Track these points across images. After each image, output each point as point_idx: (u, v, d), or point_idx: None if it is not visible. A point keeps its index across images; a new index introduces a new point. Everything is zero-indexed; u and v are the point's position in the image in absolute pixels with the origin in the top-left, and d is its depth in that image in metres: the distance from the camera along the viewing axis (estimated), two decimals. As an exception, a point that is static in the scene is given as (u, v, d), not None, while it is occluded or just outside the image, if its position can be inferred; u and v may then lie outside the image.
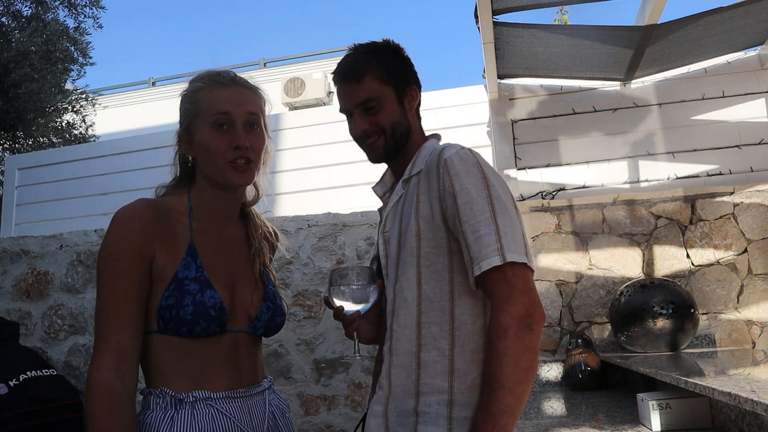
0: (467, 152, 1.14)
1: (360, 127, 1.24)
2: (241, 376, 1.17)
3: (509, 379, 1.00)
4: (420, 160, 1.23)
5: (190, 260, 1.13)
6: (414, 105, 1.28)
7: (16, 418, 2.27)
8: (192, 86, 1.22)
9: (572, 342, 2.63)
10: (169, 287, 1.10)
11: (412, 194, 1.18)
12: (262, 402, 1.19)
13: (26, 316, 3.31)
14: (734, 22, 2.73)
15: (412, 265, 1.14)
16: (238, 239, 1.28)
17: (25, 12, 6.86)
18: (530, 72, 3.21)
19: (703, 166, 3.06)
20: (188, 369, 1.11)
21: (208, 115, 1.16)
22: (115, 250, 1.10)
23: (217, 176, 1.18)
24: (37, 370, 2.56)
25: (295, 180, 3.67)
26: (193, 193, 1.23)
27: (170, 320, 1.09)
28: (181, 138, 1.22)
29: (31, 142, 7.03)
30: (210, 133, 1.16)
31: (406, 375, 1.12)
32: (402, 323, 1.13)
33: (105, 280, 1.10)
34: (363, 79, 1.21)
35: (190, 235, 1.16)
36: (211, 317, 1.11)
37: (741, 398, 1.22)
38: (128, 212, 1.13)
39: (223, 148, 1.15)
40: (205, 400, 1.10)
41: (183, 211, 1.20)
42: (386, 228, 1.22)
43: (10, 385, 2.36)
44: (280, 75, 7.33)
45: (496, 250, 1.05)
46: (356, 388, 2.97)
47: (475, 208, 1.08)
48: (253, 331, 1.20)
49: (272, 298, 1.26)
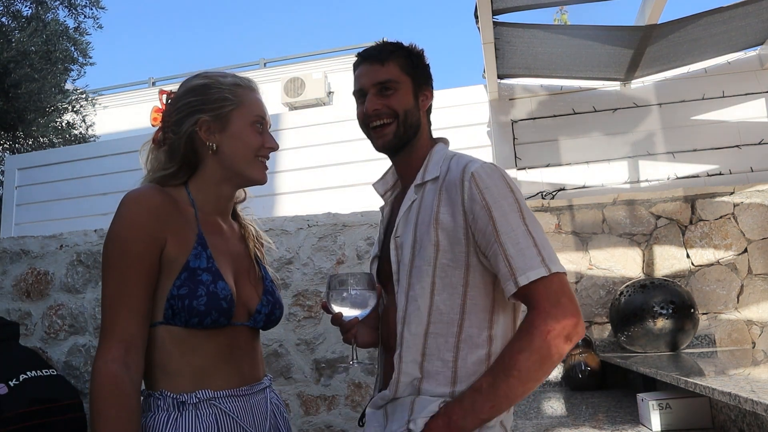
0: (493, 166, 1.16)
1: (372, 105, 1.24)
2: (243, 372, 1.17)
3: (528, 374, 1.04)
4: (432, 165, 1.23)
5: (200, 250, 1.12)
6: (426, 105, 1.30)
7: (16, 418, 2.27)
8: (228, 79, 1.22)
9: (572, 342, 2.63)
10: (180, 276, 1.08)
11: (431, 203, 1.17)
12: (264, 400, 1.20)
13: (26, 316, 3.31)
14: (734, 22, 2.73)
15: (427, 275, 1.14)
16: (235, 234, 1.29)
17: (25, 12, 6.86)
18: (530, 72, 3.21)
19: (703, 166, 3.06)
20: (191, 365, 1.10)
21: (249, 114, 1.21)
22: (128, 235, 1.07)
23: (244, 169, 1.20)
24: (37, 370, 2.56)
25: (295, 180, 3.67)
26: (192, 185, 1.21)
27: (181, 310, 1.07)
28: (205, 124, 1.19)
29: (31, 142, 7.03)
30: (251, 129, 1.21)
31: (408, 381, 1.14)
32: (413, 332, 1.14)
33: (115, 265, 1.06)
34: (387, 62, 1.24)
35: (197, 226, 1.16)
36: (223, 309, 1.10)
37: (741, 398, 1.22)
38: (140, 195, 1.12)
39: (258, 146, 1.21)
40: (208, 401, 1.09)
41: (186, 202, 1.19)
42: (398, 233, 1.21)
43: (10, 385, 2.36)
44: (280, 75, 7.33)
45: (540, 262, 1.07)
46: (356, 388, 2.97)
47: (512, 221, 1.09)
48: (253, 324, 1.20)
49: (271, 291, 1.27)
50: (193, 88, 1.21)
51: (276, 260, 3.13)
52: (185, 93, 1.22)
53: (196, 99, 1.20)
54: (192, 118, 1.18)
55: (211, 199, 1.22)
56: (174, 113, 1.21)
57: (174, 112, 1.21)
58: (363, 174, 3.43)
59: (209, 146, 1.19)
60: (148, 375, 1.12)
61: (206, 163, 1.20)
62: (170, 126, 1.21)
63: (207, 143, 1.19)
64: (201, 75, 1.24)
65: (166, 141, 1.22)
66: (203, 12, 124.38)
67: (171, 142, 1.20)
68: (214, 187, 1.22)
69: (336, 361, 2.98)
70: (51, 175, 4.22)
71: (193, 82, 1.23)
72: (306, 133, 3.76)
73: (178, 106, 1.21)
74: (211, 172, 1.21)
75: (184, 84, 1.25)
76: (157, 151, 1.24)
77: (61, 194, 4.15)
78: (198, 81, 1.22)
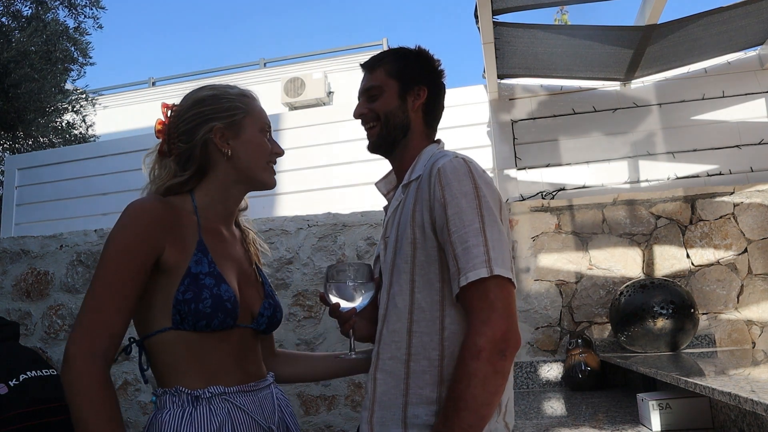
0: (461, 161, 1.15)
1: (358, 110, 1.34)
2: (249, 371, 1.21)
3: (475, 401, 1.02)
4: (419, 165, 1.25)
5: (201, 256, 1.16)
6: (418, 103, 1.31)
7: (16, 418, 2.27)
8: (235, 90, 1.29)
9: (572, 342, 2.63)
10: (184, 282, 1.12)
11: (410, 201, 1.19)
12: (270, 396, 1.24)
13: (26, 316, 3.31)
14: (734, 22, 2.73)
15: (405, 272, 1.14)
16: (236, 240, 1.33)
17: (25, 12, 6.86)
18: (530, 72, 3.21)
19: (703, 166, 3.06)
20: (203, 365, 1.14)
21: (259, 121, 1.28)
22: (128, 239, 1.10)
23: (256, 174, 1.26)
24: (37, 370, 2.56)
25: (295, 180, 3.67)
26: (200, 191, 1.25)
27: (188, 314, 1.10)
28: (219, 131, 1.24)
29: (31, 142, 7.02)
30: (261, 136, 1.28)
31: (394, 383, 1.13)
32: (391, 329, 1.14)
33: (108, 265, 1.09)
34: (375, 69, 1.33)
35: (198, 232, 1.19)
36: (228, 310, 1.13)
37: (741, 398, 1.22)
38: (144, 204, 1.15)
39: (268, 152, 1.29)
40: (221, 395, 1.13)
41: (190, 209, 1.23)
42: (387, 233, 1.23)
43: (10, 385, 2.37)
44: (280, 75, 7.33)
45: (483, 262, 1.05)
46: (356, 388, 2.97)
47: (465, 218, 1.08)
48: (256, 327, 1.24)
49: (271, 295, 1.32)
50: (202, 99, 1.27)
51: (276, 260, 3.13)
52: (194, 104, 1.27)
53: (207, 108, 1.25)
54: (206, 126, 1.24)
55: (219, 205, 1.26)
56: (183, 123, 1.25)
57: (182, 123, 1.25)
58: (363, 174, 3.43)
59: (224, 152, 1.24)
60: (161, 376, 1.16)
61: (219, 169, 1.25)
62: (178, 136, 1.25)
63: (222, 150, 1.24)
64: (207, 87, 1.30)
65: (173, 151, 1.26)
66: (203, 12, 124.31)
67: (181, 151, 1.24)
68: (224, 192, 1.26)
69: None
70: (51, 175, 4.22)
71: (201, 93, 1.28)
72: (306, 133, 3.76)
73: (186, 116, 1.25)
74: (223, 178, 1.25)
75: (191, 96, 1.29)
76: (163, 161, 1.28)
77: (61, 194, 4.15)
78: (206, 92, 1.28)
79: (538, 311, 2.88)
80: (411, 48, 1.36)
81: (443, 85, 1.38)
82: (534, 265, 2.93)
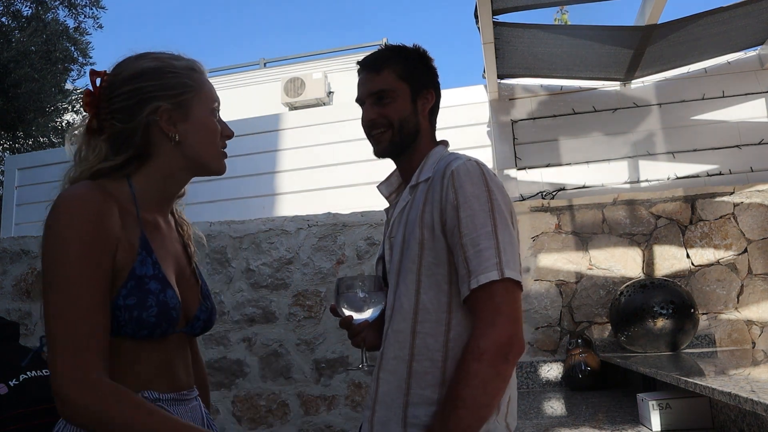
0: (474, 164, 1.14)
1: (368, 116, 1.26)
2: (180, 378, 1.09)
3: (474, 402, 1.02)
4: (428, 167, 1.24)
5: (145, 255, 1.01)
6: (427, 107, 1.30)
7: (16, 418, 2.27)
8: (182, 62, 1.10)
9: (572, 342, 2.63)
10: (127, 285, 0.97)
11: (419, 202, 1.18)
12: (197, 408, 1.14)
13: (26, 316, 3.31)
14: (734, 22, 2.73)
15: (412, 272, 1.14)
16: (172, 232, 1.17)
17: (25, 12, 6.87)
18: (530, 72, 3.21)
19: (703, 166, 3.06)
20: (136, 372, 1.01)
21: (208, 101, 1.10)
22: (81, 242, 0.93)
23: (207, 161, 1.10)
24: (37, 370, 2.55)
25: (295, 180, 3.67)
26: (138, 178, 1.07)
27: (129, 322, 0.96)
28: (166, 113, 1.05)
29: (31, 142, 7.03)
30: (211, 117, 1.11)
31: (396, 383, 1.12)
32: (396, 329, 1.14)
33: (72, 276, 0.91)
34: (382, 71, 1.25)
35: (140, 226, 1.03)
36: (172, 319, 1.01)
37: (741, 398, 1.22)
38: (82, 195, 0.97)
39: (218, 134, 1.11)
40: (155, 401, 1.01)
41: (127, 198, 1.04)
42: (392, 234, 1.22)
43: (10, 385, 2.36)
44: (280, 75, 7.32)
45: (495, 265, 1.05)
46: (356, 388, 2.97)
47: (477, 221, 1.08)
48: (190, 331, 1.11)
49: (207, 295, 1.17)
50: (143, 72, 1.06)
51: (276, 260, 3.13)
52: (133, 77, 1.05)
53: (150, 84, 1.05)
54: (149, 105, 1.04)
55: (157, 193, 1.09)
56: (118, 99, 1.05)
57: (118, 98, 1.05)
58: (363, 174, 3.43)
59: (171, 137, 1.06)
60: None
61: (163, 154, 1.07)
62: (112, 113, 1.05)
63: (168, 134, 1.06)
64: (149, 56, 1.08)
65: (105, 129, 1.06)
66: (203, 12, 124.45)
67: (116, 131, 1.05)
68: (167, 179, 1.09)
69: (336, 362, 2.98)
70: (51, 175, 4.21)
71: (141, 64, 1.07)
72: (306, 133, 3.76)
73: (123, 90, 1.05)
74: (168, 164, 1.08)
75: (128, 66, 1.07)
76: (92, 140, 1.07)
77: (61, 194, 4.14)
78: (148, 63, 1.07)
79: (538, 311, 2.88)
80: (411, 47, 1.32)
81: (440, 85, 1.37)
82: (534, 265, 2.93)
